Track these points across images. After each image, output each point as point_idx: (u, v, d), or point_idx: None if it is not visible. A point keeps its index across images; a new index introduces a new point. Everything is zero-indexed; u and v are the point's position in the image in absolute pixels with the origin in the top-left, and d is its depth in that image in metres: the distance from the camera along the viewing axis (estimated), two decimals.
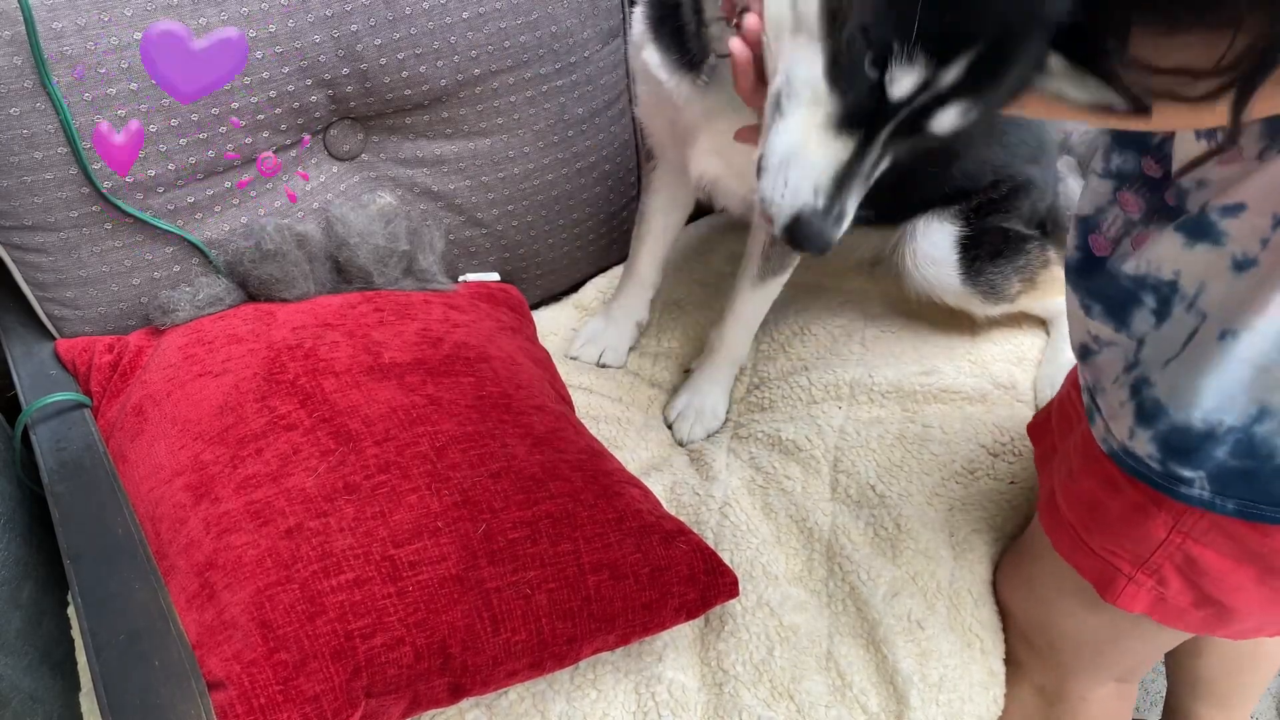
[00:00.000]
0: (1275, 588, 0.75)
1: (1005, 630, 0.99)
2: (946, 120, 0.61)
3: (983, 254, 1.21)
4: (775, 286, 1.18)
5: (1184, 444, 0.71)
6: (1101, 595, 0.84)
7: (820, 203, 0.64)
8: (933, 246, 1.22)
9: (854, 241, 1.34)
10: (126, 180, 0.97)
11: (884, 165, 0.66)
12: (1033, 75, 0.60)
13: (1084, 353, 0.80)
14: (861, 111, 0.61)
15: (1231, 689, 1.21)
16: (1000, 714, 0.98)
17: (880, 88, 0.59)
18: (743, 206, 1.16)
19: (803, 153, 0.64)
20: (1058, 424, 0.96)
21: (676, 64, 0.95)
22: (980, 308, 1.25)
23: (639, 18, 1.02)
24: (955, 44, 0.57)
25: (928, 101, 0.60)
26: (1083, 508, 0.84)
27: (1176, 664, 1.24)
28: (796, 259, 1.16)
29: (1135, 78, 0.53)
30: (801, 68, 0.62)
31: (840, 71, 0.61)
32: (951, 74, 0.58)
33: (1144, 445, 0.73)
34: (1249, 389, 0.66)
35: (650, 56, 0.99)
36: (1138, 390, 0.73)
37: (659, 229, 1.27)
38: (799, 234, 0.64)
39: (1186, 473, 0.71)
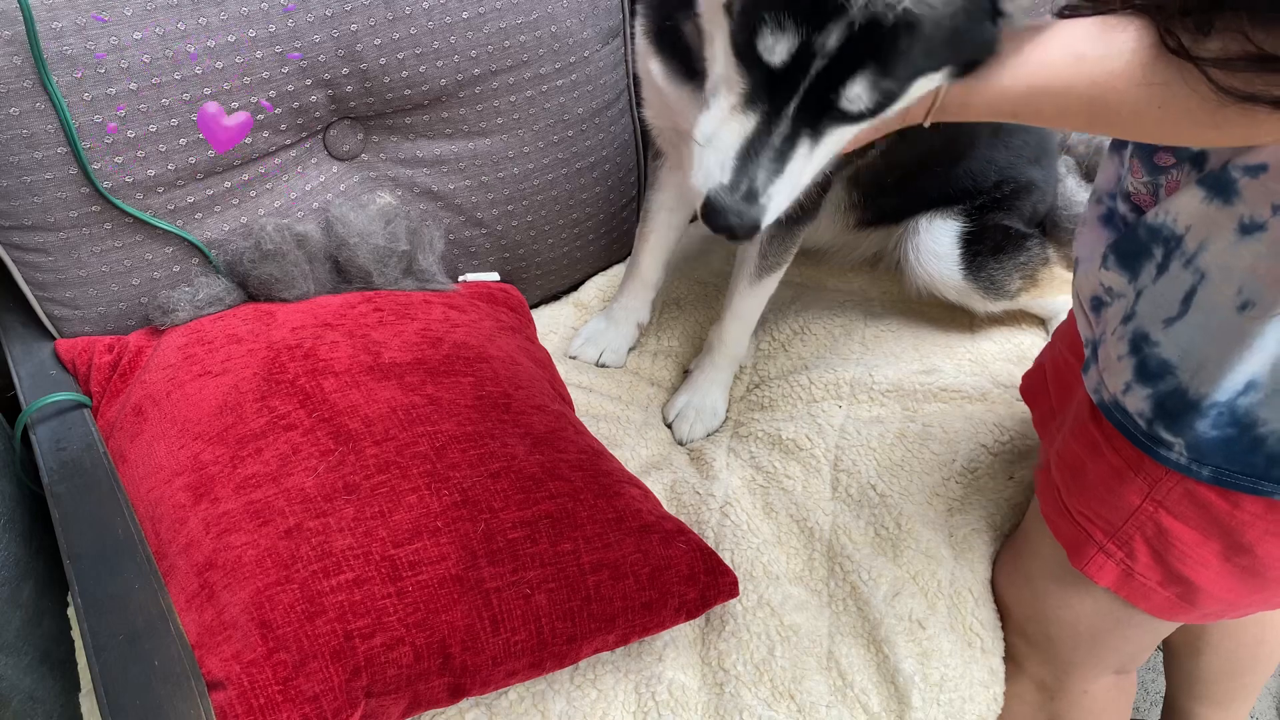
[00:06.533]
0: (1240, 564, 0.76)
1: (1003, 627, 0.99)
2: (856, 93, 0.61)
3: (985, 249, 1.22)
4: (771, 283, 1.19)
5: (1175, 409, 0.71)
6: (1071, 561, 0.85)
7: (726, 178, 0.65)
8: (935, 241, 1.23)
9: (856, 240, 1.34)
10: (127, 180, 0.97)
11: (812, 151, 0.66)
12: (955, 50, 0.61)
13: (1096, 304, 0.81)
14: (762, 88, 0.63)
15: (1230, 689, 1.21)
16: (1000, 713, 0.98)
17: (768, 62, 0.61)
18: None
19: (716, 136, 0.65)
20: (1055, 388, 0.97)
21: (678, 74, 0.98)
22: (981, 303, 1.26)
23: (639, 31, 1.04)
24: (822, 12, 0.58)
25: (825, 73, 0.61)
26: (1068, 470, 0.85)
27: (1175, 664, 1.24)
28: (791, 254, 1.17)
29: (1222, 74, 0.52)
30: (719, 56, 0.65)
31: (737, 50, 0.63)
32: (830, 40, 0.59)
33: (1137, 402, 0.74)
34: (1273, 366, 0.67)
35: (654, 66, 1.01)
36: (1138, 347, 0.74)
37: (662, 226, 1.27)
38: (712, 215, 0.66)
39: (1168, 437, 0.72)
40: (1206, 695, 1.22)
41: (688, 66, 0.95)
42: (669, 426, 1.21)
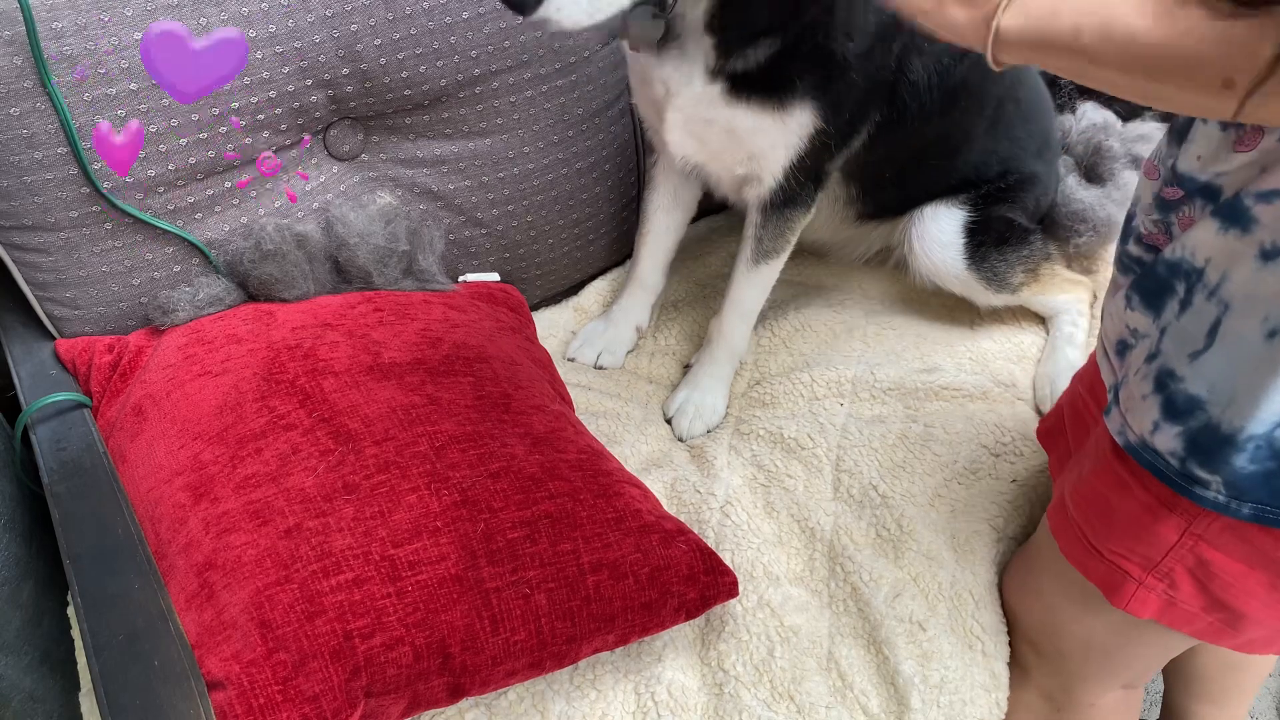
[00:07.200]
0: None
1: (1012, 635, 0.99)
2: None
3: (989, 240, 1.23)
4: (769, 272, 1.19)
5: (1210, 445, 0.69)
6: (1110, 600, 0.83)
7: None
8: (940, 230, 1.23)
9: (859, 235, 1.35)
10: (126, 180, 0.97)
11: None
12: None
13: (1121, 348, 0.80)
14: None
15: (1227, 687, 1.21)
16: (1003, 718, 0.97)
17: None
18: (735, 192, 1.17)
19: None
20: (1072, 429, 0.95)
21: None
22: (983, 295, 1.26)
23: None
24: None
25: None
26: (1092, 510, 0.83)
27: (1173, 663, 1.24)
28: (788, 241, 1.17)
29: None
30: None
31: None
32: None
33: (1168, 441, 0.72)
34: None
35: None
36: (1163, 384, 0.72)
37: (661, 228, 1.27)
38: None
39: (1204, 475, 0.70)
40: (1204, 693, 1.22)
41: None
42: (668, 422, 1.21)
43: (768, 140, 1.04)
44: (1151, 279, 0.74)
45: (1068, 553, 0.87)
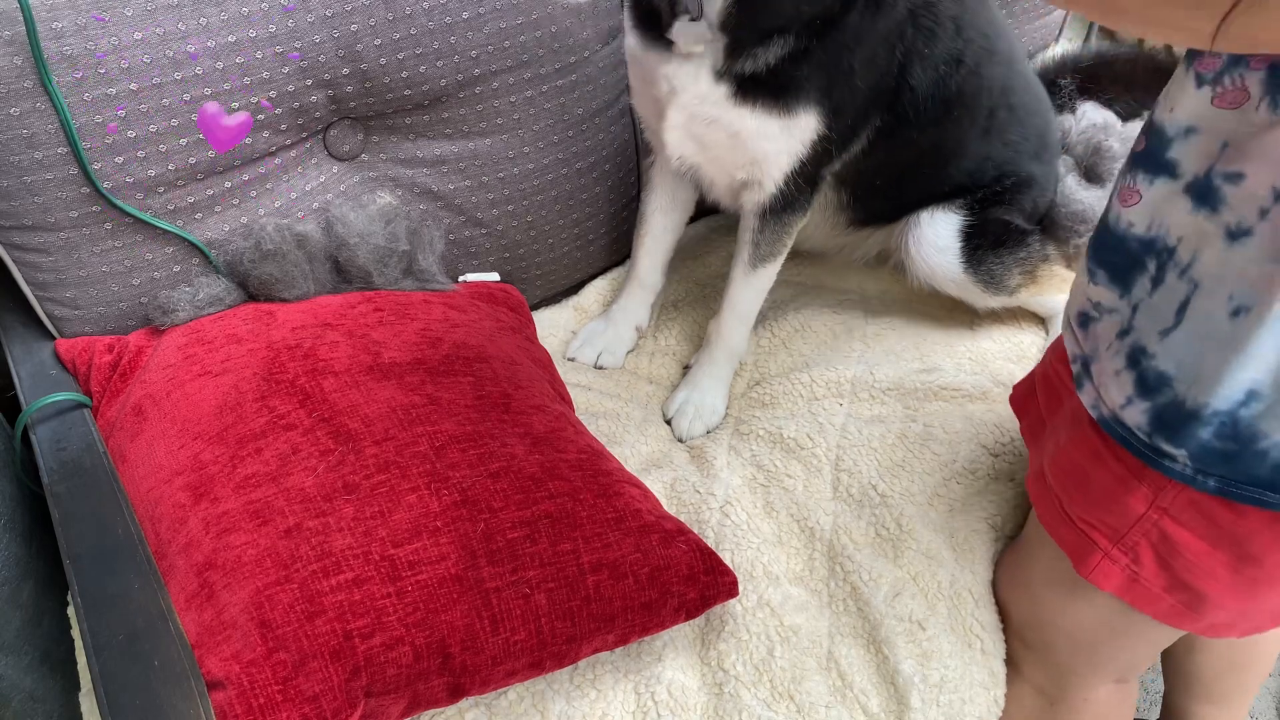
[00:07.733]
0: (1247, 576, 0.75)
1: (1004, 631, 0.99)
2: None
3: (985, 243, 1.23)
4: (766, 276, 1.19)
5: (1174, 420, 0.71)
6: (1076, 569, 0.84)
7: None
8: (937, 235, 1.23)
9: (857, 240, 1.35)
10: (127, 180, 0.97)
11: None
12: None
13: (1083, 320, 0.80)
14: None
15: (1227, 687, 1.21)
16: (1000, 716, 0.98)
17: None
18: (729, 196, 1.17)
19: None
20: (1044, 398, 0.96)
21: (650, 40, 1.04)
22: (980, 298, 1.26)
23: (625, 15, 1.10)
24: None
25: None
26: (1067, 477, 0.84)
27: (1172, 663, 1.24)
28: (785, 245, 1.18)
29: None
30: None
31: None
32: None
33: (1135, 416, 0.74)
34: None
35: (631, 39, 1.08)
36: (1136, 360, 0.73)
37: (659, 229, 1.27)
38: None
39: (1170, 448, 0.72)
40: (1204, 693, 1.22)
41: (659, 34, 1.01)
42: (668, 423, 1.21)
43: (772, 146, 1.04)
44: (1119, 254, 0.75)
45: (1044, 520, 0.88)
